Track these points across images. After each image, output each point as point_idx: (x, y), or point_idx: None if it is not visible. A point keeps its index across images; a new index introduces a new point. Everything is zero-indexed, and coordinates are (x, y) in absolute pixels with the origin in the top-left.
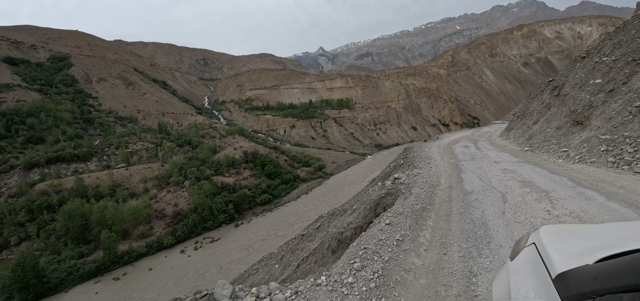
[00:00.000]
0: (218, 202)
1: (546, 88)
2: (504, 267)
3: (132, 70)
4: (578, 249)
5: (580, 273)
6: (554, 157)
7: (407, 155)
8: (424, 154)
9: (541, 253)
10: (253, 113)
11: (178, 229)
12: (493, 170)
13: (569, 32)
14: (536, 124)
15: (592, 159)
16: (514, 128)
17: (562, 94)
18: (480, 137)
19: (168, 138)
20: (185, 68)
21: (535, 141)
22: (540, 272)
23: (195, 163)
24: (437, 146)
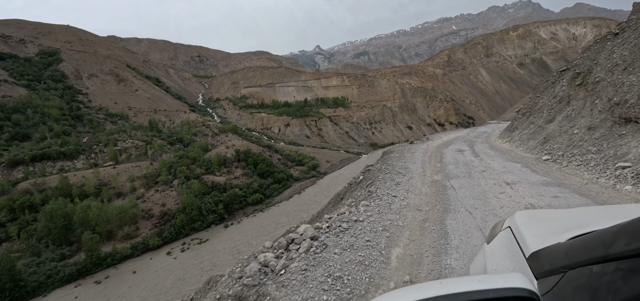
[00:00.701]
0: (207, 202)
1: (559, 78)
2: (481, 250)
3: (125, 67)
4: (550, 230)
5: (552, 251)
6: (604, 176)
7: (370, 170)
8: (400, 164)
9: (516, 235)
10: (247, 111)
11: (165, 230)
12: (507, 202)
13: (564, 33)
14: (551, 123)
15: None
16: (519, 128)
17: (591, 82)
18: (477, 137)
19: (159, 136)
20: (180, 65)
21: (556, 146)
22: (515, 253)
23: (185, 162)
24: (425, 149)
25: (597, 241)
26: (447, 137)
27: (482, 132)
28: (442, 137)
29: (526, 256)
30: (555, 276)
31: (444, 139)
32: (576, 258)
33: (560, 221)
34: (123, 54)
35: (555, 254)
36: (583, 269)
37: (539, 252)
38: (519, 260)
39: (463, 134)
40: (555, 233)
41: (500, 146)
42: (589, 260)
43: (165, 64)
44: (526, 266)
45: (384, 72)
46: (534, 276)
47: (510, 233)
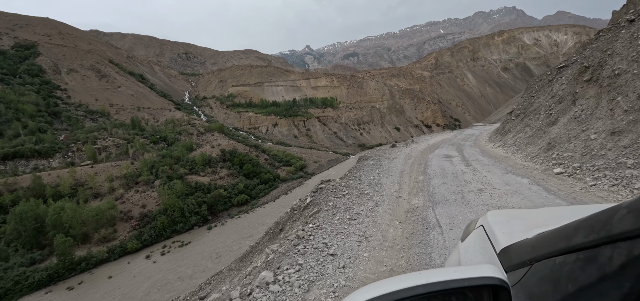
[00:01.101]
0: (190, 203)
1: (557, 76)
2: (456, 248)
3: (107, 62)
4: (520, 228)
5: (520, 246)
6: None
7: (322, 189)
8: (372, 177)
9: (488, 233)
10: (235, 110)
11: (145, 232)
12: None
13: (546, 39)
14: (554, 126)
15: None
16: (512, 131)
17: (606, 77)
18: (465, 140)
19: (141, 135)
20: (166, 62)
21: (567, 154)
22: (487, 249)
23: (168, 162)
24: (407, 155)
25: (560, 235)
26: (434, 139)
27: (470, 135)
28: (428, 139)
29: (497, 252)
30: (523, 269)
31: (430, 142)
32: (541, 251)
33: (528, 219)
34: (105, 49)
35: (523, 248)
36: (547, 261)
37: (508, 248)
38: (491, 255)
39: (450, 136)
40: (523, 230)
41: (493, 151)
42: (553, 253)
43: (151, 61)
44: (497, 261)
45: (372, 73)
46: (504, 270)
47: (482, 231)
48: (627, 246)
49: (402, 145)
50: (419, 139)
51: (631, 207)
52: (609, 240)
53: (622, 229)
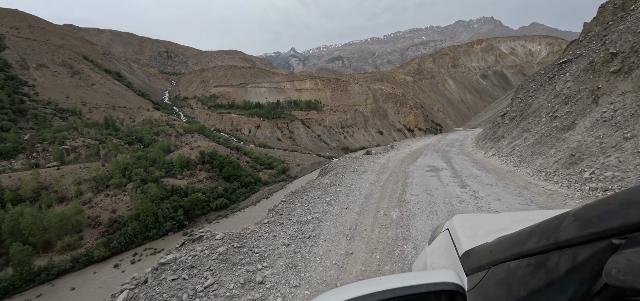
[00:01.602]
0: (165, 208)
1: (559, 73)
2: (423, 251)
3: (81, 58)
4: (481, 232)
5: (480, 250)
6: None
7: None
8: (305, 218)
9: (453, 236)
10: (217, 111)
11: (114, 239)
12: None
13: (522, 49)
14: (571, 132)
15: None
16: (507, 137)
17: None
18: (450, 146)
19: (115, 135)
20: (146, 60)
21: (611, 174)
22: (451, 252)
23: (142, 164)
24: (383, 166)
25: (515, 240)
26: (416, 144)
27: (454, 140)
28: (410, 144)
29: (459, 255)
30: (481, 272)
31: (412, 148)
32: (498, 256)
33: (491, 224)
34: (80, 45)
35: (482, 252)
36: (503, 265)
37: (469, 251)
38: (454, 258)
39: (433, 142)
40: (485, 234)
41: (488, 162)
42: (508, 257)
43: (129, 58)
44: (459, 264)
45: (357, 77)
46: (465, 272)
47: (448, 235)
48: (573, 253)
49: (379, 152)
50: (400, 144)
51: (577, 215)
52: (557, 246)
53: (568, 236)
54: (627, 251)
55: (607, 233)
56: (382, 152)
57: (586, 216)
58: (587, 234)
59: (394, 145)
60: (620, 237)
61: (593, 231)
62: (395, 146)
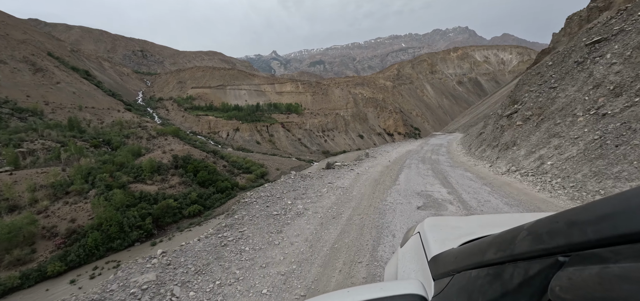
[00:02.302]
0: (131, 216)
1: (592, 56)
2: (395, 253)
3: (45, 55)
4: (450, 236)
5: (447, 255)
6: None
7: None
8: None
9: (423, 240)
10: (193, 113)
11: (71, 252)
12: None
13: (495, 57)
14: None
15: None
16: (522, 144)
17: None
18: (436, 153)
19: (80, 137)
20: (119, 58)
21: None
22: (420, 256)
23: (108, 168)
24: (343, 193)
25: (477, 249)
26: (396, 151)
27: (437, 145)
28: (389, 151)
29: (428, 260)
30: (446, 278)
31: (392, 156)
32: (462, 263)
33: (459, 228)
34: (45, 40)
35: (448, 259)
36: (465, 273)
37: (437, 256)
38: (423, 263)
39: (415, 147)
40: (453, 239)
41: (509, 185)
42: (470, 265)
43: (100, 57)
44: (427, 269)
45: (338, 81)
46: (432, 277)
47: (418, 238)
48: (525, 266)
49: (346, 164)
50: (377, 151)
51: (530, 229)
52: (512, 258)
53: (521, 250)
54: (570, 269)
55: (554, 250)
56: (352, 163)
57: (538, 231)
58: (537, 249)
59: (370, 153)
60: (565, 255)
61: (542, 248)
62: (371, 153)
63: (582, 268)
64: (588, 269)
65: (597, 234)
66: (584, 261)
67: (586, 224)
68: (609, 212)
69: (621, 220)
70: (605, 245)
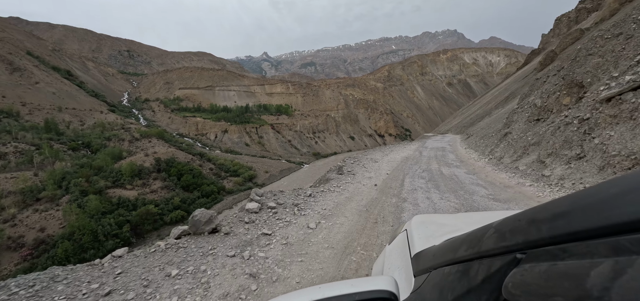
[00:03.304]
0: (107, 223)
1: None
2: (383, 251)
3: (24, 54)
4: (433, 234)
5: (427, 253)
6: None
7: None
8: None
9: (409, 237)
10: (180, 114)
11: (39, 264)
12: None
13: (483, 59)
14: None
15: None
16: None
17: None
18: (447, 165)
19: (58, 140)
20: (104, 58)
21: None
22: (405, 253)
23: (84, 173)
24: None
25: (451, 247)
26: (389, 159)
27: (439, 149)
28: (378, 160)
29: (411, 257)
30: (424, 275)
31: (383, 170)
32: (438, 260)
33: (443, 226)
34: (24, 39)
35: (427, 256)
36: (440, 269)
37: (419, 253)
38: (407, 260)
39: (412, 153)
40: (436, 236)
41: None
42: (444, 262)
43: (84, 56)
44: (410, 266)
45: (328, 82)
46: (413, 274)
47: (405, 236)
48: (488, 263)
49: (286, 208)
50: (361, 161)
51: (497, 227)
52: (479, 255)
53: (487, 247)
54: (525, 266)
55: (513, 247)
56: (306, 192)
57: (502, 229)
58: (500, 247)
59: (349, 163)
60: (522, 252)
61: (504, 245)
62: (352, 163)
63: (534, 265)
64: (539, 266)
65: (551, 231)
66: (537, 259)
67: (543, 222)
68: (566, 209)
69: (575, 218)
70: (557, 242)
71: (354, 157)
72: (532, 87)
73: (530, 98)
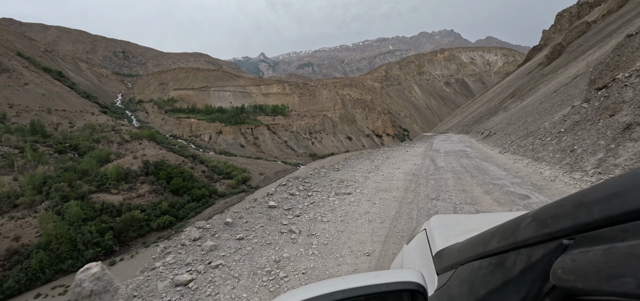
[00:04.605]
0: (88, 231)
1: None
2: (401, 251)
3: (13, 55)
4: (455, 233)
5: (450, 250)
6: None
7: None
8: None
9: (428, 236)
10: (174, 115)
11: (10, 276)
12: None
13: (480, 59)
14: None
15: None
16: None
17: None
18: (488, 177)
19: (44, 142)
20: (98, 60)
21: None
22: (425, 252)
23: (67, 176)
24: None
25: (480, 241)
26: (385, 175)
27: (459, 154)
28: (379, 166)
29: (432, 255)
30: (449, 272)
31: (378, 185)
32: (464, 256)
33: (464, 225)
34: (15, 40)
35: (451, 252)
36: (468, 265)
37: (441, 251)
38: (428, 258)
39: (420, 160)
40: (458, 234)
41: None
42: (473, 257)
43: (77, 57)
44: (432, 264)
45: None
46: (436, 272)
47: (424, 235)
48: (527, 253)
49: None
50: (357, 163)
51: (535, 216)
52: (515, 246)
53: (525, 236)
54: (574, 251)
55: (558, 233)
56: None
57: (542, 217)
58: (541, 234)
59: (352, 161)
60: (569, 238)
61: (546, 232)
62: (359, 167)
63: (587, 250)
64: (593, 250)
65: (604, 213)
66: (589, 243)
67: (593, 204)
68: (618, 190)
69: (630, 197)
70: (612, 223)
71: (353, 158)
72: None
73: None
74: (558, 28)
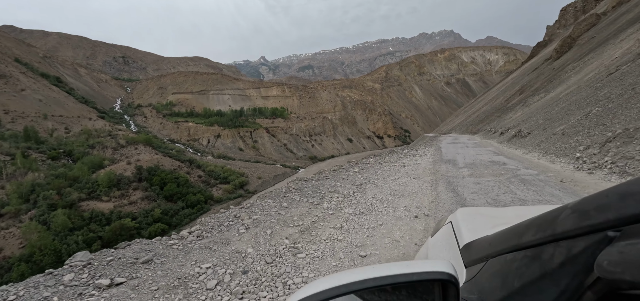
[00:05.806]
0: (74, 242)
1: None
2: (425, 243)
3: (11, 61)
4: (483, 225)
5: (480, 242)
6: None
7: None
8: None
9: (455, 229)
10: (172, 120)
11: None
12: None
13: (481, 58)
14: None
15: None
16: None
17: None
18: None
19: (37, 148)
20: (98, 65)
21: None
22: (452, 245)
23: (57, 184)
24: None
25: (513, 233)
26: (395, 190)
27: (486, 164)
28: (379, 185)
29: (460, 248)
30: (479, 265)
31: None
32: (496, 248)
33: (493, 218)
34: (13, 46)
35: (481, 245)
36: (500, 257)
37: (469, 244)
38: (455, 251)
39: (426, 187)
40: (487, 227)
41: None
42: (505, 249)
43: (77, 63)
44: (459, 257)
45: (325, 84)
46: (464, 265)
47: (450, 228)
48: (567, 245)
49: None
50: (352, 182)
51: (575, 207)
52: (553, 238)
53: (564, 228)
54: (621, 243)
55: (603, 225)
56: None
57: (584, 208)
58: (584, 226)
59: (355, 178)
60: (615, 230)
61: (589, 224)
62: (360, 179)
63: (636, 242)
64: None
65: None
66: (637, 235)
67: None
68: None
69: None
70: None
71: (352, 170)
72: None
73: None
74: (563, 23)
